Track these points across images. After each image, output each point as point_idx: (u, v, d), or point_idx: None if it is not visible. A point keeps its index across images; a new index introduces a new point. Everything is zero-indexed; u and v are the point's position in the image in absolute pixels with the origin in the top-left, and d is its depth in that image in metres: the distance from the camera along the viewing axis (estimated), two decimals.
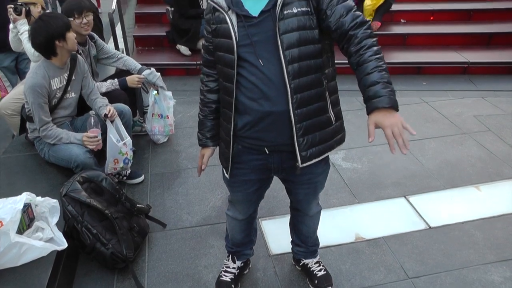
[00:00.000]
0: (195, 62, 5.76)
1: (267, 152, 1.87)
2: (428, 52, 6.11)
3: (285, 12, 1.64)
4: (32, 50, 3.13)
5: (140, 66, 3.81)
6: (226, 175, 2.04)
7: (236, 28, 1.69)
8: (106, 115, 3.12)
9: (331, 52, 1.82)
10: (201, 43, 5.93)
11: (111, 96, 3.45)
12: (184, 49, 5.94)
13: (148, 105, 3.94)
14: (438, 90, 5.29)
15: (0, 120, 3.99)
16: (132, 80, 3.68)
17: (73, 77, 3.12)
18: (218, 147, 2.10)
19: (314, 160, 1.85)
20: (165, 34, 6.25)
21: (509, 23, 6.65)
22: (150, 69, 3.80)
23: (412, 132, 1.52)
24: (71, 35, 2.91)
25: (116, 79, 3.68)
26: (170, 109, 3.92)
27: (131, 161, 3.32)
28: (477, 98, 5.03)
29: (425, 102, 4.91)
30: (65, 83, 3.08)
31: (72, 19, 3.26)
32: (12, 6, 3.52)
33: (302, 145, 1.79)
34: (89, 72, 3.33)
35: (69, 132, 3.06)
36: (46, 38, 2.84)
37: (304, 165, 1.83)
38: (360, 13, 1.67)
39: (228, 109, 1.84)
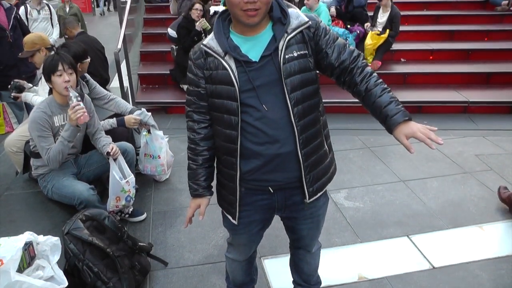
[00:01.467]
0: None
1: (272, 191, 1.88)
2: (428, 91, 6.20)
3: (287, 56, 1.66)
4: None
5: (131, 107, 3.86)
6: (233, 220, 1.98)
7: (236, 74, 1.67)
8: (108, 153, 3.15)
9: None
10: None
11: (114, 134, 3.49)
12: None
13: (140, 147, 3.92)
14: (439, 129, 5.28)
15: (4, 156, 4.02)
16: (129, 120, 3.70)
17: None
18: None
19: (318, 194, 1.90)
20: (169, 72, 6.37)
21: (507, 63, 6.78)
22: (140, 109, 3.82)
23: (433, 129, 1.72)
24: (56, 79, 2.95)
25: (114, 119, 3.73)
26: (162, 149, 3.88)
27: (133, 199, 3.33)
28: (478, 137, 5.06)
29: None
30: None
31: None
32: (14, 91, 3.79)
33: (309, 181, 1.83)
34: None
35: (59, 139, 2.99)
36: (44, 77, 3.00)
37: (311, 200, 1.87)
38: (353, 47, 1.80)
39: (230, 155, 1.81)
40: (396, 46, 6.94)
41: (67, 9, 8.63)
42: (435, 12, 8.49)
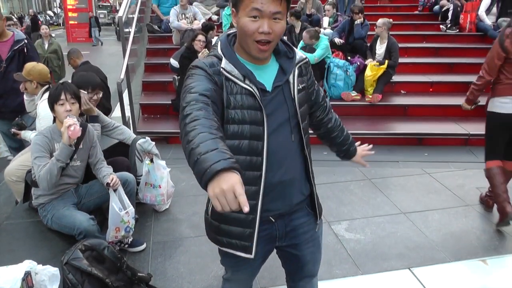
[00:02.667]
0: None
1: (273, 221, 1.86)
2: (428, 123, 6.23)
3: (298, 88, 1.75)
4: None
5: (134, 135, 3.90)
6: (247, 255, 1.81)
7: (260, 97, 1.64)
8: (108, 184, 3.15)
9: None
10: None
11: (115, 164, 3.50)
12: None
13: (142, 175, 3.90)
14: (440, 161, 5.34)
15: (3, 185, 4.02)
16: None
17: (81, 146, 3.18)
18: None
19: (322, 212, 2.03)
20: (170, 102, 6.42)
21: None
22: (145, 137, 3.86)
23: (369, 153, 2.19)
24: (58, 108, 3.02)
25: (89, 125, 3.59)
26: (163, 178, 3.89)
27: (133, 229, 3.31)
28: (479, 169, 5.02)
29: (427, 174, 4.94)
30: None
31: (85, 92, 3.45)
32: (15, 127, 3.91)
33: (318, 203, 1.97)
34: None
35: (52, 158, 2.99)
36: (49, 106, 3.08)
37: (319, 219, 2.00)
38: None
39: (252, 184, 1.69)
40: (396, 78, 7.02)
41: (46, 46, 8.23)
42: (434, 44, 8.61)
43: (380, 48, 6.84)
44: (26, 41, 4.53)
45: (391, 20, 6.93)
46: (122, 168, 3.53)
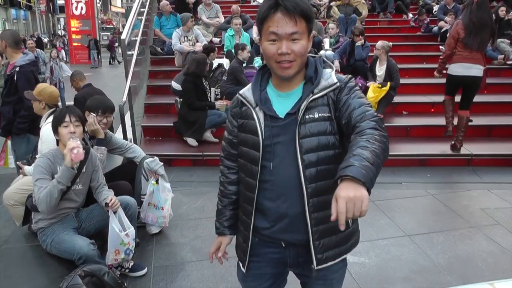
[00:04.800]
0: (201, 153, 5.85)
1: (284, 246, 1.83)
2: (431, 144, 6.20)
3: (307, 116, 1.66)
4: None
5: (144, 154, 3.97)
6: (242, 268, 1.94)
7: (263, 126, 1.71)
8: (107, 204, 3.11)
9: None
10: (207, 134, 6.09)
11: (117, 188, 3.47)
12: (191, 140, 6.05)
13: (146, 194, 3.91)
14: (443, 182, 5.30)
15: (3, 208, 3.99)
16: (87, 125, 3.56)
17: (84, 170, 3.16)
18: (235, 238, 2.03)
19: (330, 263, 1.79)
20: (172, 124, 6.41)
21: (508, 116, 6.83)
22: (153, 157, 3.90)
23: (364, 210, 1.28)
24: (62, 130, 3.02)
25: (94, 147, 3.62)
26: (167, 201, 3.89)
27: (133, 252, 3.26)
28: (483, 190, 5.02)
29: (430, 195, 4.89)
30: None
31: (94, 114, 3.49)
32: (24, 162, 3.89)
33: (318, 248, 1.74)
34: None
35: (52, 180, 2.96)
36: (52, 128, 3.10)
37: (320, 267, 1.76)
38: (371, 109, 1.61)
39: (248, 204, 1.82)
40: (397, 99, 7.02)
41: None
42: (434, 65, 8.59)
43: (380, 70, 6.88)
44: (18, 68, 4.55)
45: (390, 43, 6.98)
46: (124, 192, 3.50)
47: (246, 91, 1.80)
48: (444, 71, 5.89)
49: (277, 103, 1.73)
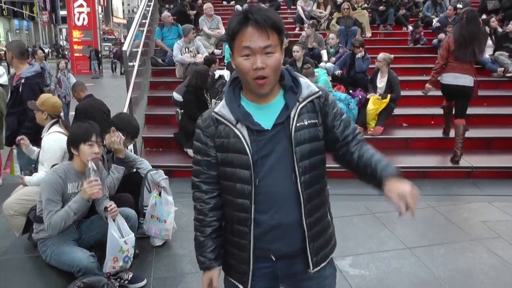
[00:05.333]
0: None
1: (274, 259, 1.82)
2: (431, 156, 6.22)
3: (298, 124, 1.67)
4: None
5: (150, 167, 4.04)
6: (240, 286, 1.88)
7: (249, 142, 1.67)
8: (106, 208, 3.09)
9: None
10: None
11: (119, 200, 3.47)
12: (191, 152, 6.05)
13: (148, 205, 3.92)
14: (443, 194, 5.29)
15: (3, 218, 3.98)
16: (108, 139, 3.67)
17: None
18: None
19: (322, 264, 1.83)
20: (173, 135, 6.42)
21: (507, 128, 6.84)
22: (158, 170, 3.94)
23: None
24: (85, 148, 3.00)
25: (112, 165, 3.70)
26: (170, 214, 3.89)
27: (131, 259, 3.24)
28: (484, 203, 5.01)
29: (431, 207, 4.88)
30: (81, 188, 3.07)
31: (121, 134, 3.61)
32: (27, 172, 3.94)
33: (313, 251, 1.78)
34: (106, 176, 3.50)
35: (65, 207, 2.96)
36: (68, 142, 3.06)
37: (315, 269, 1.80)
38: (356, 126, 1.83)
39: (243, 225, 1.75)
40: (397, 111, 7.04)
41: None
42: None
43: (381, 82, 6.90)
44: (23, 80, 4.58)
45: (391, 56, 7.01)
46: (125, 204, 3.51)
47: (222, 109, 1.73)
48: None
49: (258, 116, 1.70)
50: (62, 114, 4.37)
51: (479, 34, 5.76)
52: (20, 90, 4.55)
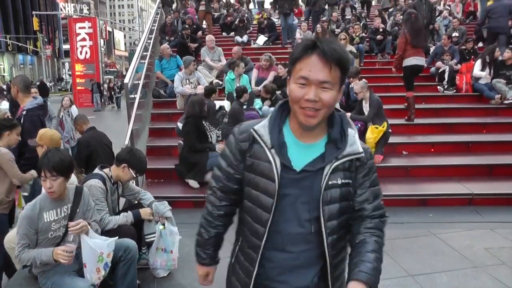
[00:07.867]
0: (203, 195, 5.81)
1: None
2: (432, 184, 6.21)
3: (330, 182, 1.59)
4: None
5: (153, 198, 4.11)
6: None
7: (279, 171, 1.59)
8: (66, 226, 3.01)
9: None
10: (208, 176, 6.09)
11: (120, 232, 3.48)
12: (192, 182, 6.07)
13: (149, 233, 3.97)
14: (445, 222, 5.27)
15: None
16: (145, 212, 3.88)
17: (78, 210, 3.15)
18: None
19: None
20: (174, 167, 6.44)
21: (508, 155, 6.85)
22: (162, 201, 4.01)
23: None
24: (42, 183, 2.98)
25: (129, 212, 3.82)
26: (175, 244, 3.92)
27: (109, 265, 3.12)
28: (486, 230, 4.99)
29: (432, 234, 4.86)
30: (64, 215, 3.07)
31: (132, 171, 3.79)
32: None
33: (333, 277, 1.73)
34: (111, 206, 3.68)
35: (39, 249, 2.95)
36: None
37: None
38: (383, 205, 1.71)
39: (253, 250, 1.71)
40: (397, 139, 7.08)
41: None
42: (433, 105, 8.76)
43: (367, 108, 6.88)
44: (25, 112, 4.68)
45: (364, 80, 7.15)
46: (127, 235, 3.50)
47: (261, 128, 1.64)
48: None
49: (293, 152, 1.62)
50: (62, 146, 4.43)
51: (422, 27, 8.42)
52: (22, 121, 4.62)
